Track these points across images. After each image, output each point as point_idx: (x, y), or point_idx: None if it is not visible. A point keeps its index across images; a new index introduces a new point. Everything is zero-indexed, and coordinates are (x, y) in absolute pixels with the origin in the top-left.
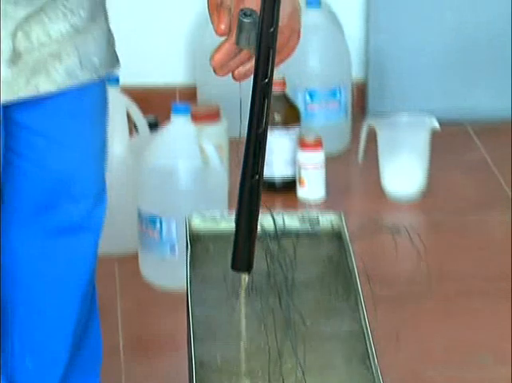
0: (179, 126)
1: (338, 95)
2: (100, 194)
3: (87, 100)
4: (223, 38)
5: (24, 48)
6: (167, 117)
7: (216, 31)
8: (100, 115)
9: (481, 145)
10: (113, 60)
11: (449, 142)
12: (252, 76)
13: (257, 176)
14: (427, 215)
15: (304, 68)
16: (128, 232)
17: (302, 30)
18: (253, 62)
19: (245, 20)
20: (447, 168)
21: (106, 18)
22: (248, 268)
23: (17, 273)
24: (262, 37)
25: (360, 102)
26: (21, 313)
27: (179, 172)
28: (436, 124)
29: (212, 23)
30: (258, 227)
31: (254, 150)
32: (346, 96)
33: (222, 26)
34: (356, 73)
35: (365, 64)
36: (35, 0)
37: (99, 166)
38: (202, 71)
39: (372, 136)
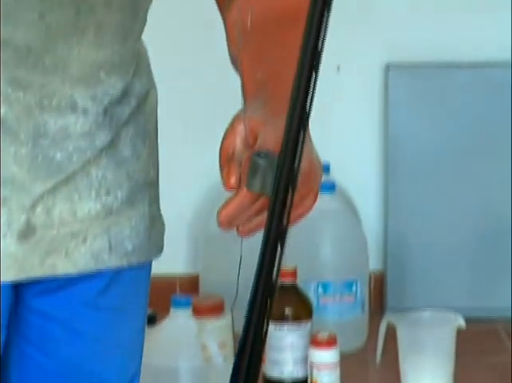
0: (179, 321)
1: (354, 288)
2: None
3: (114, 289)
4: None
5: (41, 223)
6: (166, 311)
7: (225, 185)
8: (132, 304)
9: (511, 345)
10: (152, 248)
11: (476, 342)
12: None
13: (264, 333)
14: None
15: (316, 257)
16: None
17: (315, 216)
18: (260, 217)
19: (260, 160)
20: (473, 371)
21: (151, 204)
22: None
23: None
24: (282, 177)
25: (378, 296)
26: None
27: (178, 373)
28: (462, 322)
29: (222, 177)
30: None
31: (260, 308)
32: (363, 290)
33: (233, 180)
34: (374, 264)
35: (384, 254)
36: (58, 173)
37: (126, 360)
38: (206, 259)
39: (392, 334)
